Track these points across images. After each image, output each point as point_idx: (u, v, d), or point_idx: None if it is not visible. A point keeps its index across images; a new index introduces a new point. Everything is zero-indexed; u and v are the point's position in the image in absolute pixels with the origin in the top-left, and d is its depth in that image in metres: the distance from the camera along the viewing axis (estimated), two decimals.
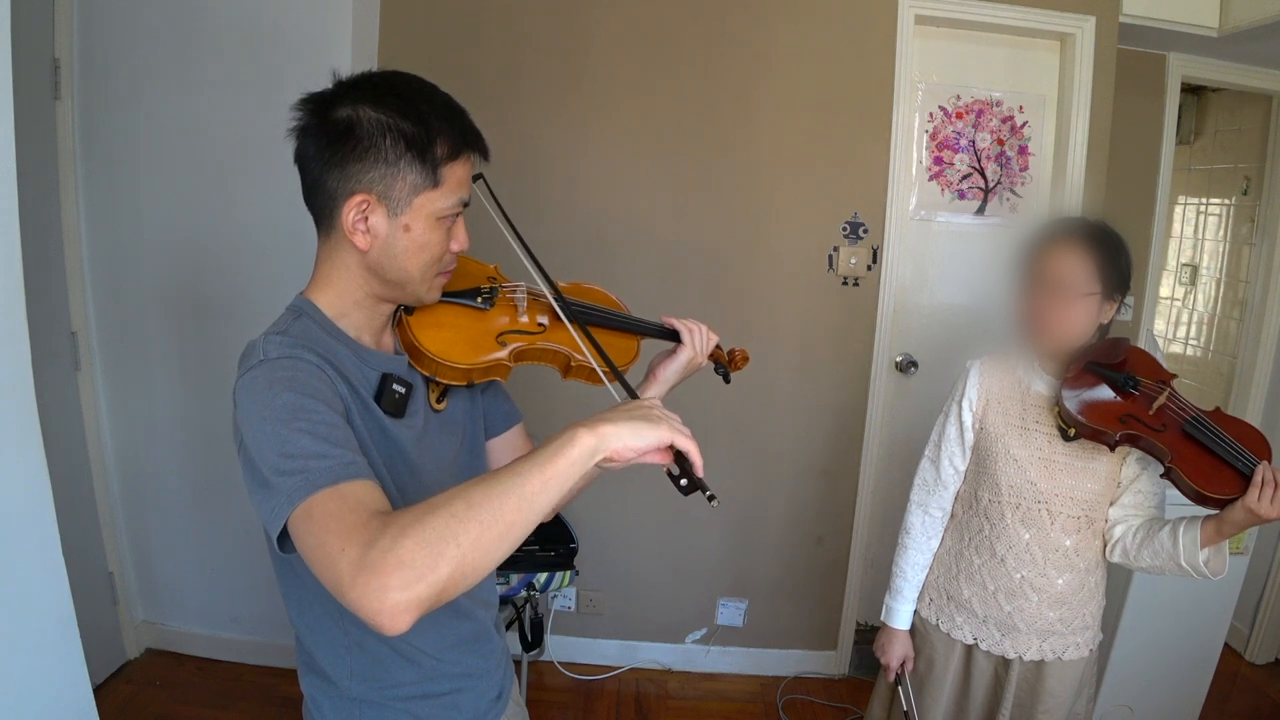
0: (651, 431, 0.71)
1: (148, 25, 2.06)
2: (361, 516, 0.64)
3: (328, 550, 0.63)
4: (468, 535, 0.62)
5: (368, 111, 0.81)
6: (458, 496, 0.64)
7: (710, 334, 1.12)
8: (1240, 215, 3.00)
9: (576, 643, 2.54)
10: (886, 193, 2.30)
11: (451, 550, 0.61)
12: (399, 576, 0.59)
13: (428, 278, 0.88)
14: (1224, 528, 1.18)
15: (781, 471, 2.45)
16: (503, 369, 0.96)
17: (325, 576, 0.63)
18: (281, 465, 0.69)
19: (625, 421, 0.71)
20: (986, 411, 1.39)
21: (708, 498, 0.73)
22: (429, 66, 1.92)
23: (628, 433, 0.70)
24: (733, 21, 2.23)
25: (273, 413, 0.72)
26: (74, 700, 1.43)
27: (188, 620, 2.40)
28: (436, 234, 0.85)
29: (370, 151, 0.80)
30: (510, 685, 1.09)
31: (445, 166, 0.83)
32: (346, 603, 0.61)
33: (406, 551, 0.60)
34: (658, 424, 0.72)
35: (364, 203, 0.81)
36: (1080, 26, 2.27)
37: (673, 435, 0.72)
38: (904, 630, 1.50)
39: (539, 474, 0.66)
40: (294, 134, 0.84)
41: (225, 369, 0.88)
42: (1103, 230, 1.30)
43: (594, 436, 0.68)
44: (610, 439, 0.69)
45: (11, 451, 1.31)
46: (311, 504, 0.66)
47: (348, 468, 0.70)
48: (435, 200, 0.83)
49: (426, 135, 0.81)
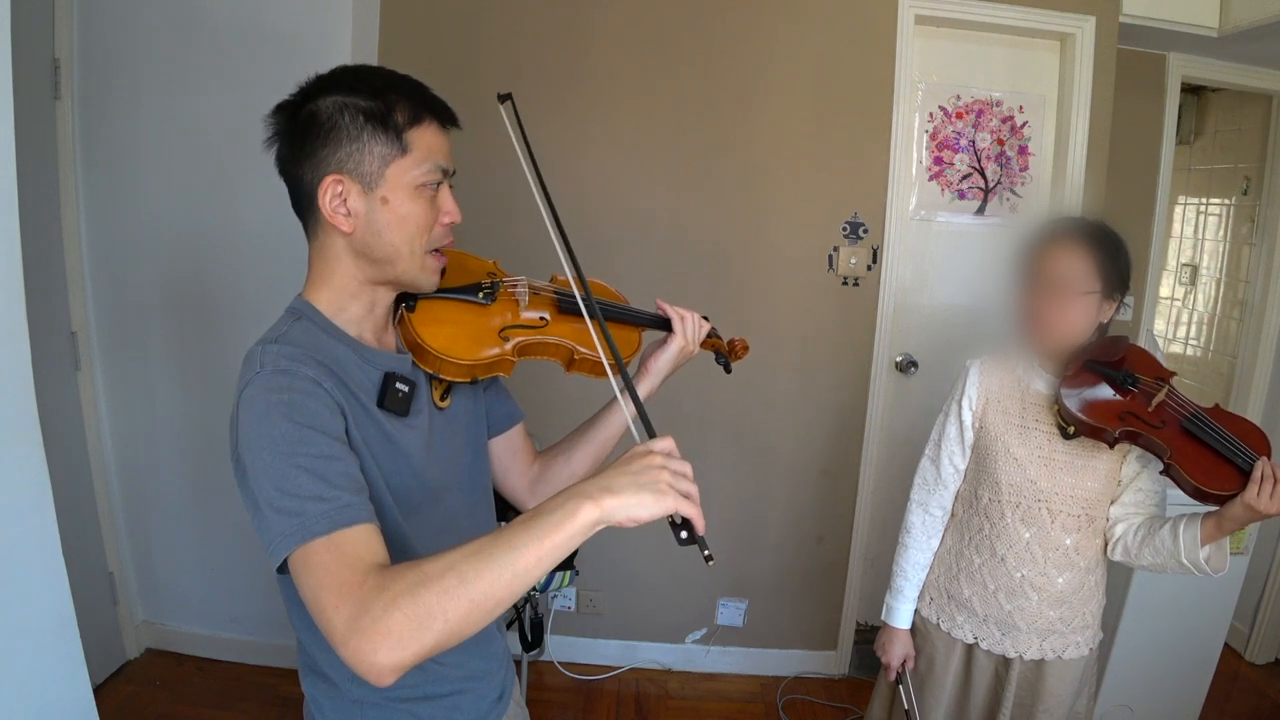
0: (657, 504, 0.69)
1: (148, 25, 2.06)
2: (357, 574, 0.66)
3: (322, 605, 0.66)
4: (457, 610, 0.64)
5: (326, 98, 0.82)
6: (451, 570, 0.64)
7: (701, 321, 1.12)
8: (1240, 215, 3.00)
9: (576, 643, 2.54)
10: (886, 193, 2.30)
11: (439, 625, 0.63)
12: (386, 644, 0.62)
13: (416, 252, 0.87)
14: (1224, 524, 1.18)
15: (781, 471, 2.45)
16: (506, 364, 0.95)
17: (319, 623, 0.66)
18: (277, 501, 0.70)
19: (632, 492, 0.69)
20: (986, 410, 1.39)
21: (705, 557, 0.72)
22: (429, 66, 1.92)
23: (634, 504, 0.69)
24: (733, 21, 2.23)
25: (270, 443, 0.73)
26: (74, 700, 1.43)
27: (188, 620, 2.40)
28: (418, 204, 0.85)
29: (333, 133, 0.81)
30: (511, 686, 1.09)
31: (409, 132, 0.83)
32: (336, 650, 0.64)
33: (395, 624, 0.62)
34: (663, 496, 0.70)
35: (337, 182, 0.82)
36: (1080, 26, 2.27)
37: (678, 505, 0.70)
38: (905, 629, 1.50)
39: (535, 548, 0.66)
40: (270, 145, 0.85)
41: (225, 369, 0.89)
42: (1102, 229, 1.30)
43: (597, 510, 0.68)
44: (614, 512, 0.68)
45: (11, 451, 1.31)
46: (308, 552, 0.68)
47: (344, 511, 0.70)
48: (408, 168, 0.84)
49: (384, 105, 0.82)
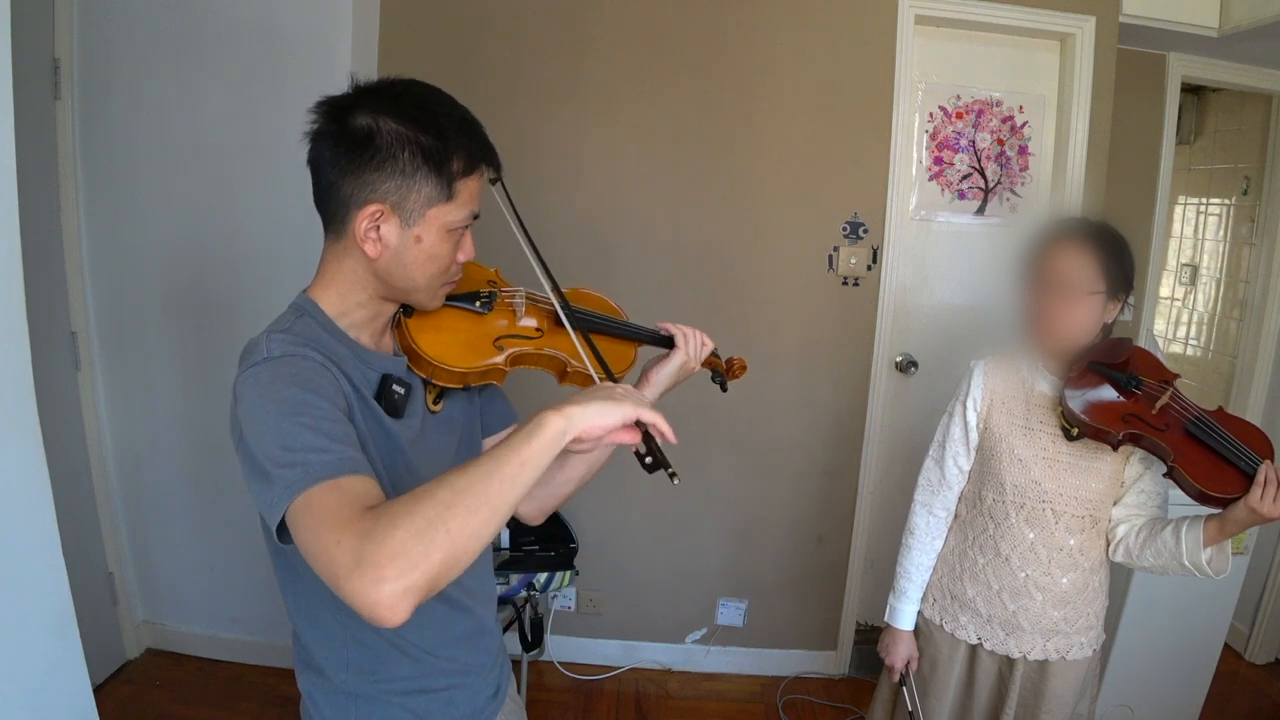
0: (615, 408, 0.75)
1: (148, 25, 2.06)
2: (357, 510, 0.66)
3: (324, 543, 0.64)
4: (456, 520, 0.64)
5: (388, 122, 0.81)
6: (443, 484, 0.66)
7: (705, 339, 1.13)
8: (1240, 215, 3.01)
9: (576, 643, 2.54)
10: (886, 193, 2.30)
11: (442, 537, 0.63)
12: (394, 567, 0.61)
13: (434, 287, 0.89)
14: (1227, 527, 1.18)
15: (782, 471, 2.45)
16: (499, 373, 0.97)
17: (322, 568, 0.64)
18: (281, 458, 0.70)
19: (590, 402, 0.75)
20: (991, 411, 1.39)
21: (669, 474, 0.77)
22: (429, 66, 1.92)
23: (594, 411, 0.74)
24: (733, 21, 2.23)
25: (275, 406, 0.74)
26: (74, 700, 1.43)
27: (188, 620, 2.39)
28: (446, 245, 0.86)
29: (388, 162, 0.81)
30: (507, 683, 1.09)
31: (460, 181, 0.84)
32: (344, 595, 0.62)
33: (399, 542, 0.62)
34: (621, 401, 0.76)
35: (378, 212, 0.82)
36: (1080, 26, 2.27)
37: (636, 410, 0.76)
38: (908, 631, 1.50)
39: (515, 457, 0.69)
40: (309, 138, 0.84)
41: (225, 369, 0.88)
42: (1106, 230, 1.31)
43: (562, 418, 0.72)
44: (577, 419, 0.73)
45: (11, 451, 1.31)
46: (310, 496, 0.68)
47: (346, 462, 0.71)
48: (448, 213, 0.84)
49: (444, 149, 0.82)
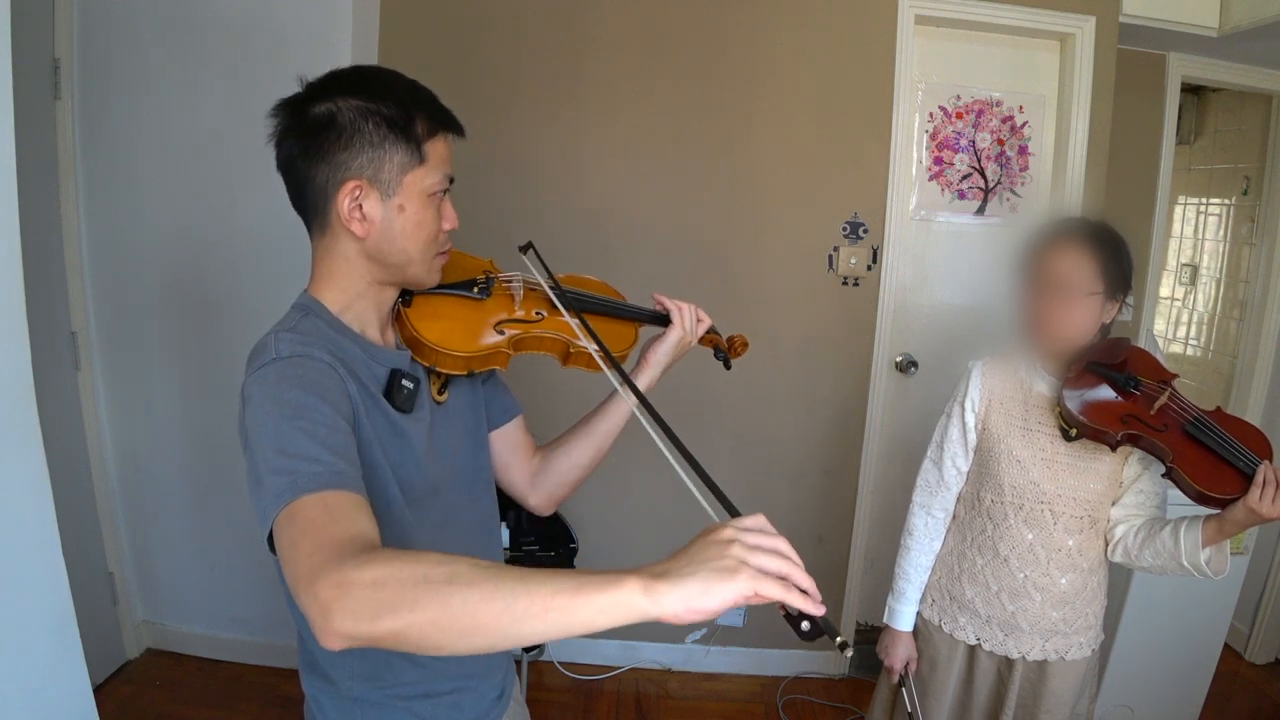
0: (727, 587, 0.54)
1: (148, 25, 2.06)
2: (341, 533, 0.63)
3: (297, 550, 0.62)
4: (426, 611, 0.55)
5: (346, 101, 0.82)
6: (447, 563, 0.57)
7: (701, 314, 1.13)
8: (1240, 215, 3.00)
9: (576, 643, 2.52)
10: (886, 193, 2.30)
11: (403, 616, 0.55)
12: (340, 606, 0.57)
13: (427, 257, 0.89)
14: (1225, 527, 1.18)
15: (782, 471, 2.45)
16: (502, 357, 0.97)
17: (287, 571, 0.62)
18: (274, 462, 0.69)
19: (693, 579, 0.54)
20: (989, 412, 1.39)
21: (839, 646, 0.58)
22: (429, 66, 1.92)
23: (695, 592, 0.54)
24: (733, 21, 2.23)
25: (277, 407, 0.73)
26: (74, 700, 1.43)
27: (188, 620, 2.39)
28: (429, 211, 0.87)
29: (355, 138, 0.82)
30: (512, 685, 1.09)
31: (427, 143, 0.85)
32: (296, 599, 0.60)
33: (357, 591, 0.56)
34: (734, 574, 0.54)
35: (357, 188, 0.83)
36: (1080, 26, 2.27)
37: (755, 584, 0.54)
38: (907, 632, 1.49)
39: (547, 599, 0.54)
40: (274, 142, 0.85)
41: (225, 369, 0.88)
42: (1105, 230, 1.30)
43: (647, 599, 0.54)
44: (668, 603, 0.54)
45: (11, 451, 1.31)
46: (295, 508, 0.66)
47: (336, 477, 0.69)
48: (423, 177, 0.85)
49: (406, 114, 0.84)
